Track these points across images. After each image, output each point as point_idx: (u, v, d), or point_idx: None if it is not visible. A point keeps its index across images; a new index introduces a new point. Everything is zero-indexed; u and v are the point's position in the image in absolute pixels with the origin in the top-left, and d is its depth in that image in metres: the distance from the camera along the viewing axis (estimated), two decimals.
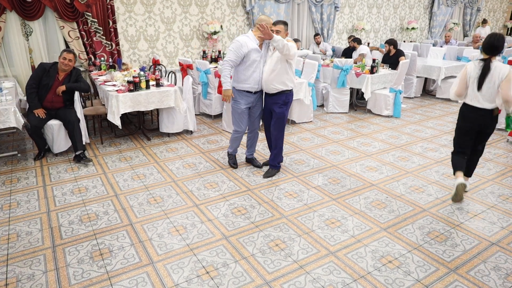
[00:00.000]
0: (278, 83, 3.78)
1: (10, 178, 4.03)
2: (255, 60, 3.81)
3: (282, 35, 3.69)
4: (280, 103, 3.88)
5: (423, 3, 10.97)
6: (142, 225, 3.15)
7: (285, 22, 3.82)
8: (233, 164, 4.34)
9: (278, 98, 3.86)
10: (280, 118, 3.92)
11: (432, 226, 3.16)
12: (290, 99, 3.95)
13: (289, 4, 8.22)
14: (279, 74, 3.75)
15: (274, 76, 3.75)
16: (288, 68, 3.78)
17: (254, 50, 3.79)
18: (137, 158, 4.60)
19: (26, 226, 3.12)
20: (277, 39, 3.48)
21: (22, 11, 5.61)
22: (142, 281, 2.50)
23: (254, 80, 3.86)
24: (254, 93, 3.94)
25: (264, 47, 3.87)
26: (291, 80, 3.86)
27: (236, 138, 4.21)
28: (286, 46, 3.52)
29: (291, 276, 2.55)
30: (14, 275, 2.55)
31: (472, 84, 3.29)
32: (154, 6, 6.82)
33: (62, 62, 4.30)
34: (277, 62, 3.72)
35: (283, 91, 3.85)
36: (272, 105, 3.91)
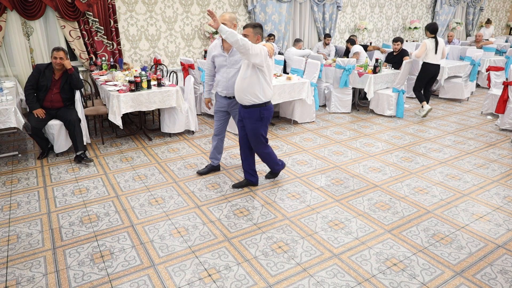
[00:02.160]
0: (250, 94, 3.30)
1: (10, 178, 4.00)
2: (220, 65, 3.64)
3: (250, 39, 3.21)
4: (254, 118, 3.39)
5: (426, 3, 10.91)
6: (143, 226, 3.12)
7: (256, 25, 3.29)
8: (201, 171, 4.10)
9: (252, 112, 3.38)
10: (255, 135, 3.47)
11: (437, 228, 3.12)
12: (266, 115, 3.42)
13: (291, 3, 8.18)
14: (250, 84, 3.27)
15: (245, 86, 3.29)
16: (261, 77, 3.27)
17: (218, 55, 3.64)
18: (138, 158, 4.57)
19: (27, 228, 3.09)
20: (224, 29, 2.91)
21: (23, 10, 5.59)
22: (143, 284, 2.47)
23: (222, 85, 3.68)
24: (226, 97, 3.74)
25: (232, 50, 3.57)
26: (263, 93, 3.33)
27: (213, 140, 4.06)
28: (239, 41, 2.93)
29: (294, 279, 2.52)
30: (14, 278, 2.52)
31: (431, 51, 6.02)
32: (156, 5, 6.79)
33: (55, 62, 4.26)
34: (247, 68, 3.27)
35: (256, 104, 3.36)
36: (245, 118, 3.45)
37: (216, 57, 3.66)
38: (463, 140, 5.24)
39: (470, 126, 5.87)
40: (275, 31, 8.09)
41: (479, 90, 8.50)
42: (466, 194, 3.70)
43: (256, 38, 3.27)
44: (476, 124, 6.01)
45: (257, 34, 3.27)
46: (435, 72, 6.17)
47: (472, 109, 6.89)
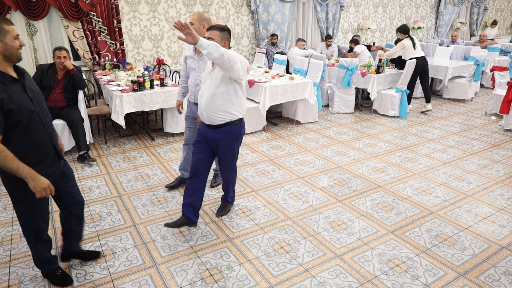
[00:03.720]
0: (224, 112, 2.75)
1: None
2: (190, 68, 3.36)
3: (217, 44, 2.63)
4: (231, 137, 2.86)
5: (430, 2, 10.86)
6: (146, 226, 3.12)
7: (224, 28, 2.72)
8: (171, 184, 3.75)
9: (228, 132, 2.82)
10: (231, 157, 2.98)
11: (440, 229, 3.10)
12: (243, 132, 2.94)
13: (294, 3, 8.17)
14: (225, 100, 2.73)
15: (218, 103, 2.72)
16: (239, 91, 2.78)
17: (189, 56, 3.36)
18: (141, 158, 4.58)
19: None
20: (205, 44, 2.33)
21: (27, 10, 5.61)
22: (145, 283, 2.47)
23: (190, 90, 3.42)
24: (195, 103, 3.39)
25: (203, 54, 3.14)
26: (241, 108, 2.84)
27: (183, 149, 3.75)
28: (224, 55, 2.40)
29: (296, 280, 2.51)
30: (16, 277, 2.52)
31: (410, 48, 6.29)
32: (159, 5, 6.80)
33: (58, 62, 4.27)
34: (221, 83, 2.70)
35: (232, 122, 2.81)
36: (217, 141, 2.84)
37: (188, 58, 3.39)
38: (467, 141, 5.21)
39: (474, 127, 5.84)
40: (278, 31, 8.08)
41: (483, 90, 8.45)
42: (469, 195, 3.67)
43: (223, 44, 2.70)
44: (480, 124, 5.97)
45: (224, 39, 2.72)
46: (423, 64, 6.34)
47: (476, 110, 6.85)
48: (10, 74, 1.94)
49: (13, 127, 1.90)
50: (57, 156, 2.19)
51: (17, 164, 1.88)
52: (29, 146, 1.98)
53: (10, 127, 1.89)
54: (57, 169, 2.20)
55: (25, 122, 1.93)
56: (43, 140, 2.06)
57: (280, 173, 4.14)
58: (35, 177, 1.93)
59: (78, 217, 2.46)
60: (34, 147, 2.01)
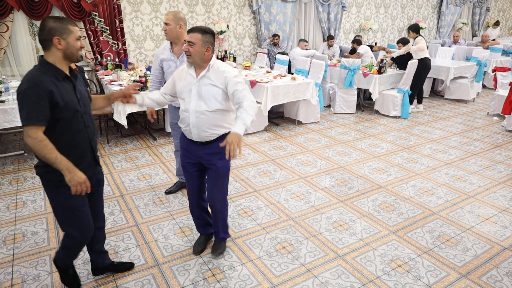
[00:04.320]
0: (218, 127, 2.41)
1: (16, 177, 4.03)
2: (170, 71, 3.15)
3: (198, 49, 2.28)
4: (223, 152, 2.37)
5: (431, 3, 10.85)
6: (148, 226, 3.13)
7: (207, 31, 2.33)
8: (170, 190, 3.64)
9: (218, 147, 2.39)
10: (225, 174, 2.53)
11: (442, 229, 3.10)
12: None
13: (296, 3, 8.17)
14: (221, 116, 2.40)
15: (211, 119, 2.37)
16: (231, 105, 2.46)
17: (167, 59, 3.19)
18: (143, 158, 4.59)
19: (32, 226, 3.11)
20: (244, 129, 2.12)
21: (30, 10, 5.62)
22: (147, 283, 2.47)
23: None
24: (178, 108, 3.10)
25: (183, 55, 3.05)
26: (231, 119, 2.48)
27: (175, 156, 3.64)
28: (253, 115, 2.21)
29: (298, 280, 2.51)
30: (19, 276, 2.53)
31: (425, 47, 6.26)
32: (161, 5, 6.81)
33: None
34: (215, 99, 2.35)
35: (224, 135, 2.43)
36: (208, 157, 2.46)
37: (165, 61, 3.20)
38: (469, 141, 5.20)
39: (476, 127, 5.83)
40: (280, 31, 8.08)
41: (485, 91, 8.44)
42: (471, 196, 3.67)
43: (205, 48, 2.30)
44: (482, 125, 5.96)
45: (206, 43, 2.30)
46: (430, 66, 6.53)
47: (478, 110, 6.84)
48: (65, 72, 1.98)
49: (56, 122, 1.90)
50: (94, 161, 2.18)
51: (55, 155, 1.87)
52: (67, 145, 1.96)
53: (53, 122, 1.90)
54: (94, 174, 2.17)
55: (68, 120, 1.94)
56: (83, 142, 2.04)
57: (282, 173, 4.15)
58: (71, 170, 1.90)
59: (101, 229, 2.40)
60: (73, 147, 1.99)
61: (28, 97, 1.81)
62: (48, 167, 1.96)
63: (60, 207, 2.07)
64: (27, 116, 1.81)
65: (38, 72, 1.88)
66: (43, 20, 1.91)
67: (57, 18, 1.93)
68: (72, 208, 2.07)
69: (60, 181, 1.97)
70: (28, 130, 1.82)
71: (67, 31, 1.91)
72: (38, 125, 1.83)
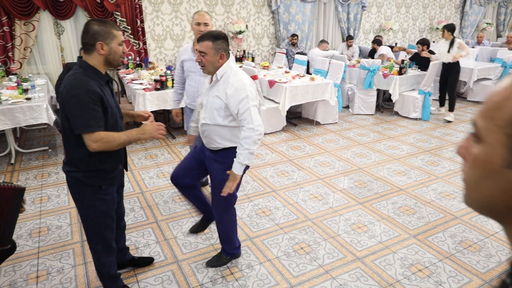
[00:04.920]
0: (220, 139, 2.29)
1: (41, 172, 4.15)
2: (189, 71, 3.17)
3: (210, 58, 2.16)
4: (226, 165, 2.26)
5: (455, 2, 10.61)
6: (167, 223, 3.17)
7: (217, 36, 2.16)
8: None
9: (224, 156, 2.32)
10: (220, 187, 2.27)
11: (464, 234, 3.03)
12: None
13: (315, 3, 8.12)
14: (229, 130, 2.28)
15: (218, 131, 2.27)
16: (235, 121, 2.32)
17: (188, 59, 3.18)
18: (162, 156, 4.65)
19: (56, 220, 3.20)
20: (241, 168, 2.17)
21: (55, 10, 5.78)
22: (167, 279, 2.51)
23: (190, 95, 3.24)
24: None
25: None
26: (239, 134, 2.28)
27: None
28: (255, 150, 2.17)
29: (316, 281, 2.50)
30: (44, 268, 2.61)
31: None
32: (181, 5, 6.89)
33: None
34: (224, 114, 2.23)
35: (231, 147, 2.31)
36: (212, 162, 2.38)
37: (186, 61, 3.22)
38: None
39: None
40: (299, 31, 8.05)
41: None
42: None
43: (219, 56, 2.17)
44: None
45: (219, 50, 2.16)
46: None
47: None
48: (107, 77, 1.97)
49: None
50: (125, 166, 2.19)
51: (123, 136, 1.86)
52: (108, 153, 1.94)
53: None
54: (122, 178, 2.19)
55: (112, 126, 1.92)
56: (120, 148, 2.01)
57: (299, 174, 4.14)
58: (141, 130, 1.90)
59: (121, 229, 2.42)
60: (113, 153, 1.97)
61: (84, 103, 1.76)
62: (90, 172, 1.94)
63: (94, 212, 2.03)
64: (87, 123, 1.77)
65: (83, 75, 1.83)
66: (87, 23, 1.86)
67: (101, 21, 1.87)
68: (105, 212, 2.06)
69: (100, 187, 1.98)
70: (89, 137, 1.79)
71: (110, 35, 1.85)
72: (100, 132, 1.82)
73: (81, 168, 1.94)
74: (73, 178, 1.97)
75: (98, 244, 2.14)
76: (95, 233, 2.11)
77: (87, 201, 2.01)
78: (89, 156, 1.90)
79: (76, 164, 1.94)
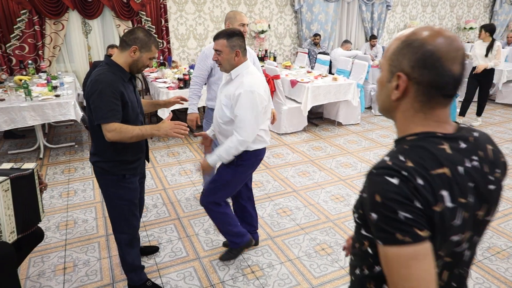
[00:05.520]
0: (226, 138, 2.32)
1: (68, 167, 4.28)
2: (215, 68, 3.01)
3: (226, 56, 2.18)
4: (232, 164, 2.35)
5: (484, 2, 10.27)
6: (189, 220, 3.21)
7: (231, 34, 2.16)
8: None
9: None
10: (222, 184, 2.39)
11: (492, 241, 2.93)
12: (245, 162, 2.35)
13: (338, 3, 8.04)
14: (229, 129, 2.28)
15: (223, 130, 2.32)
16: None
17: None
18: (184, 154, 4.71)
19: (83, 214, 3.30)
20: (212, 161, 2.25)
21: (83, 10, 5.94)
22: (189, 275, 2.55)
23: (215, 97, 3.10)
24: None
25: None
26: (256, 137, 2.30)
27: None
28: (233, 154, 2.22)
29: (338, 283, 2.48)
30: (71, 260, 2.69)
31: None
32: (204, 5, 6.95)
33: None
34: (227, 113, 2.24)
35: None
36: None
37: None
38: None
39: None
40: (321, 31, 7.99)
41: None
42: None
43: (234, 53, 2.17)
44: None
45: (234, 48, 2.16)
46: None
47: None
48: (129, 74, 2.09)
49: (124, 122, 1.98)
50: (147, 157, 2.32)
51: (138, 129, 1.94)
52: (129, 144, 2.05)
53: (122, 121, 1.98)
54: (143, 169, 2.33)
55: (132, 121, 2.03)
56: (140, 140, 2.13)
57: (321, 175, 4.11)
58: (157, 126, 1.97)
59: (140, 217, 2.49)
60: (134, 143, 2.08)
61: (105, 96, 1.89)
62: (114, 161, 2.07)
63: (119, 200, 2.15)
64: (105, 114, 1.89)
65: (108, 72, 1.96)
66: (137, 27, 2.04)
67: (148, 33, 2.02)
68: (130, 201, 2.18)
69: (123, 176, 2.10)
70: (105, 126, 1.90)
71: (147, 48, 2.00)
72: (115, 123, 1.92)
73: (105, 158, 2.08)
74: (99, 168, 2.11)
75: (124, 232, 2.24)
76: (121, 221, 2.22)
77: (112, 190, 2.13)
78: (112, 147, 2.03)
79: (101, 154, 2.08)
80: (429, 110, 0.87)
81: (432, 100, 0.86)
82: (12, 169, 1.96)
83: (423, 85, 0.84)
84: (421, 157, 0.80)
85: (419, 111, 0.88)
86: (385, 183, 0.77)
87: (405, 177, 0.77)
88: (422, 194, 0.76)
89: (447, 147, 0.84)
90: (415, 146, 0.84)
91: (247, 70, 2.22)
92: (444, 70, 0.82)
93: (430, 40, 0.82)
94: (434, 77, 0.83)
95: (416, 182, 0.76)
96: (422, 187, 0.76)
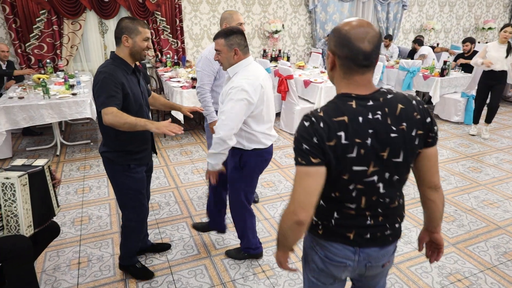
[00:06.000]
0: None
1: (84, 164, 4.37)
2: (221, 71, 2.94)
3: (225, 55, 2.15)
4: (233, 164, 2.37)
5: (503, 1, 10.03)
6: (201, 218, 3.24)
7: (228, 32, 2.13)
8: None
9: (234, 155, 2.34)
10: (231, 185, 2.45)
11: (508, 246, 2.87)
12: (251, 164, 2.33)
13: (353, 2, 7.98)
14: None
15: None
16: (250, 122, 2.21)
17: None
18: (197, 152, 4.75)
19: (97, 211, 3.36)
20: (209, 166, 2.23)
21: (100, 10, 6.05)
22: (200, 272, 2.57)
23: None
24: None
25: None
26: (249, 139, 2.26)
27: None
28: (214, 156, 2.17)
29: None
30: (85, 255, 2.75)
31: None
32: (219, 5, 6.99)
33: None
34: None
35: (237, 148, 2.30)
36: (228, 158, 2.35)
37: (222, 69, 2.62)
38: None
39: None
40: None
41: None
42: None
43: (233, 52, 2.13)
44: None
45: (232, 46, 2.12)
46: None
47: None
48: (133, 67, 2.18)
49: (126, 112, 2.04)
50: (153, 149, 2.40)
51: (133, 118, 1.99)
52: (133, 134, 2.14)
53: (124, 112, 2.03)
54: (150, 160, 2.41)
55: (134, 112, 2.10)
56: (145, 131, 2.19)
57: None
58: (152, 122, 2.02)
59: None
60: (138, 134, 2.17)
61: (105, 85, 1.99)
62: (119, 152, 2.16)
63: (126, 189, 2.25)
64: (104, 100, 1.97)
65: (111, 65, 2.08)
66: (119, 20, 2.12)
67: (131, 19, 2.11)
68: (137, 190, 2.27)
69: (128, 165, 2.19)
70: (104, 110, 1.96)
71: (135, 31, 2.07)
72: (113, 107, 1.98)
73: (111, 149, 2.18)
74: (106, 158, 2.21)
75: (131, 220, 2.34)
76: (129, 209, 2.31)
77: (118, 179, 2.23)
78: (117, 138, 2.13)
79: (108, 145, 2.18)
80: (349, 77, 1.19)
81: (350, 69, 1.18)
82: (24, 166, 2.01)
83: (342, 59, 1.17)
84: (329, 109, 1.16)
85: (343, 78, 1.21)
86: (301, 125, 1.17)
87: (312, 121, 1.15)
88: (320, 133, 1.13)
89: (353, 103, 1.16)
90: (331, 102, 1.19)
91: (246, 67, 2.17)
92: (354, 46, 1.13)
93: (345, 27, 1.15)
94: (348, 52, 1.15)
95: (317, 125, 1.13)
96: (321, 129, 1.13)
